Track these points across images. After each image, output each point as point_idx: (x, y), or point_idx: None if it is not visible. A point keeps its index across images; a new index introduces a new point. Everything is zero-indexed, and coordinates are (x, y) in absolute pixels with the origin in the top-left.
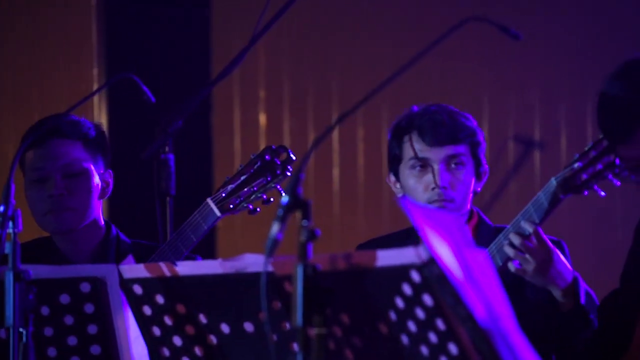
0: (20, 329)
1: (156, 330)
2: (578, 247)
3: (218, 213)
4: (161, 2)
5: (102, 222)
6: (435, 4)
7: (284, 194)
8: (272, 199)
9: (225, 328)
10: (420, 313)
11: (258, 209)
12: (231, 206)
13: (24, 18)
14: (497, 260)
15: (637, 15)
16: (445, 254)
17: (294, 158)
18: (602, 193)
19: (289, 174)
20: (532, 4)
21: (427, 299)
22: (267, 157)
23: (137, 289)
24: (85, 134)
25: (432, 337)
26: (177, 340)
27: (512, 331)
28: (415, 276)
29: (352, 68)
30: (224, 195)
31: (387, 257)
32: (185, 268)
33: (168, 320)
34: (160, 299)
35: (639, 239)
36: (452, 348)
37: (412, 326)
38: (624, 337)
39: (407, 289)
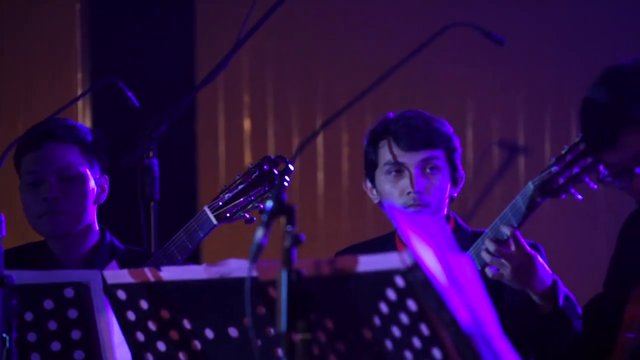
0: (4, 335)
1: (140, 336)
2: (561, 252)
3: (215, 221)
4: (145, 7)
5: (97, 228)
6: (420, 10)
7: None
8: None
9: (209, 333)
10: (404, 318)
11: (255, 218)
12: (228, 215)
13: (7, 23)
14: (476, 265)
15: (623, 20)
16: (429, 258)
17: (292, 169)
18: (579, 196)
19: (286, 184)
20: (515, 9)
21: (411, 304)
22: (265, 167)
23: (121, 295)
24: (82, 138)
25: (416, 342)
26: (161, 346)
27: (495, 336)
28: (400, 281)
29: (337, 73)
30: (221, 203)
31: (371, 263)
32: (170, 273)
33: (152, 326)
34: (144, 305)
35: (622, 243)
36: (436, 353)
37: (396, 331)
38: (607, 341)
39: (391, 294)
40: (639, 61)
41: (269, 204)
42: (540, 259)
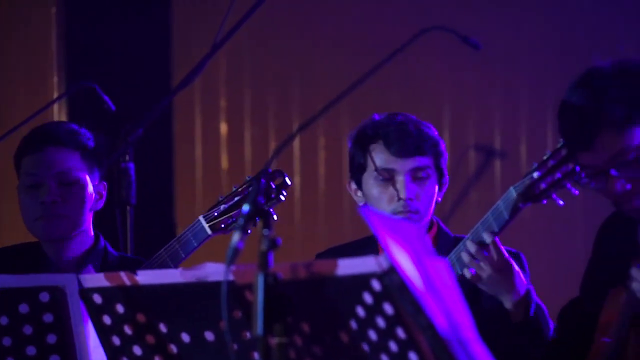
0: None
1: (116, 340)
2: (537, 257)
3: (209, 232)
4: (121, 10)
5: (92, 233)
6: (396, 14)
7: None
8: (271, 227)
9: (185, 337)
10: (380, 322)
11: (250, 231)
12: (222, 226)
13: None
14: (457, 269)
15: (598, 23)
16: (405, 262)
17: (289, 183)
18: (561, 202)
19: (283, 198)
20: (492, 14)
21: (388, 308)
22: (262, 180)
23: (97, 298)
24: (84, 144)
25: (393, 346)
26: (137, 350)
27: (471, 340)
28: (376, 285)
29: (313, 77)
30: (216, 214)
31: (347, 266)
32: (146, 277)
33: (128, 330)
34: (120, 308)
35: (598, 247)
36: (413, 357)
37: (372, 335)
38: (583, 345)
39: (367, 298)
40: (616, 64)
41: (245, 207)
42: (516, 267)
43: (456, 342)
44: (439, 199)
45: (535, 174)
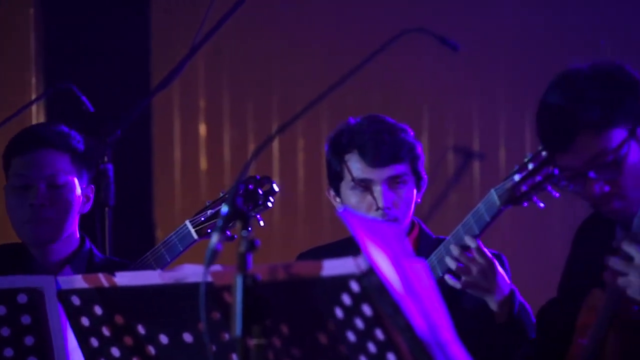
0: None
1: (94, 342)
2: (516, 258)
3: (195, 236)
4: (100, 11)
5: (78, 235)
6: (376, 15)
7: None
8: (250, 228)
9: (164, 339)
10: (359, 323)
11: (235, 236)
12: (209, 231)
13: None
14: (438, 271)
15: (576, 27)
16: (384, 264)
17: (276, 189)
18: (541, 204)
19: (270, 205)
20: (470, 16)
21: (366, 309)
22: (250, 186)
23: (75, 300)
24: (75, 147)
25: (371, 347)
26: (115, 351)
27: (450, 341)
28: (355, 286)
29: (292, 78)
30: (203, 219)
31: (326, 267)
32: (124, 279)
33: (106, 331)
34: (98, 310)
35: (575, 248)
36: (391, 358)
37: (351, 336)
38: (560, 347)
39: (346, 299)
40: (593, 66)
41: (224, 209)
42: (499, 267)
43: (434, 343)
44: (419, 200)
45: (516, 177)
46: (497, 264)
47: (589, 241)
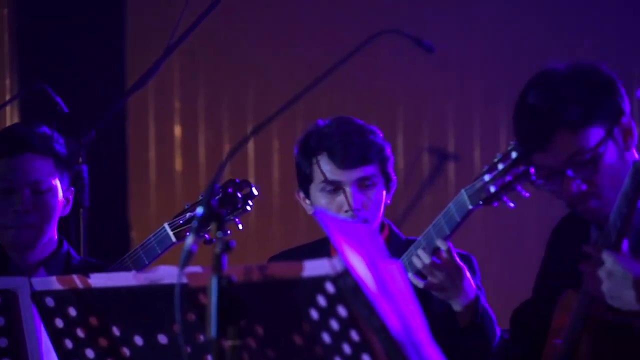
0: None
1: (68, 343)
2: (489, 259)
3: (174, 239)
4: (75, 11)
5: (56, 237)
6: (351, 17)
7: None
8: (229, 231)
9: (138, 340)
10: (334, 324)
11: (214, 239)
12: (187, 234)
13: None
14: (409, 272)
15: (552, 29)
16: (359, 265)
17: (256, 193)
18: (511, 204)
19: (249, 208)
20: (445, 17)
21: (342, 310)
22: (229, 189)
23: (49, 302)
24: (58, 151)
25: (346, 348)
26: (90, 353)
27: (425, 343)
28: (330, 287)
29: (268, 79)
30: (181, 222)
31: (302, 269)
32: (99, 280)
33: (80, 333)
34: (72, 312)
35: (551, 249)
36: (366, 359)
37: (326, 337)
38: (535, 347)
39: (321, 301)
40: (571, 66)
41: (199, 210)
42: (467, 272)
43: (409, 344)
44: (388, 201)
45: (486, 177)
46: (465, 269)
47: (564, 242)
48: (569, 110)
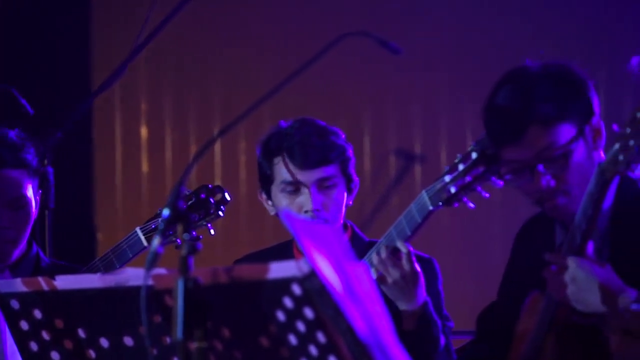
0: None
1: (34, 346)
2: (454, 262)
3: (145, 243)
4: (40, 12)
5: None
6: (317, 18)
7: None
8: (201, 236)
9: (104, 342)
10: (301, 326)
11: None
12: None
13: None
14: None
15: (518, 28)
16: (325, 267)
17: (228, 199)
18: (472, 205)
19: (221, 214)
20: (411, 19)
21: (308, 312)
22: (202, 195)
23: (14, 304)
24: (30, 162)
25: (313, 350)
26: (55, 356)
27: (391, 344)
28: (297, 289)
29: (234, 81)
30: (153, 226)
31: (268, 271)
32: (64, 282)
33: (46, 335)
34: (38, 314)
35: (516, 251)
36: None
37: (293, 339)
38: (500, 351)
39: (288, 302)
40: (543, 65)
41: (165, 212)
42: (422, 277)
43: (376, 346)
44: (350, 203)
45: (447, 177)
46: (421, 275)
47: (529, 243)
48: (541, 106)
